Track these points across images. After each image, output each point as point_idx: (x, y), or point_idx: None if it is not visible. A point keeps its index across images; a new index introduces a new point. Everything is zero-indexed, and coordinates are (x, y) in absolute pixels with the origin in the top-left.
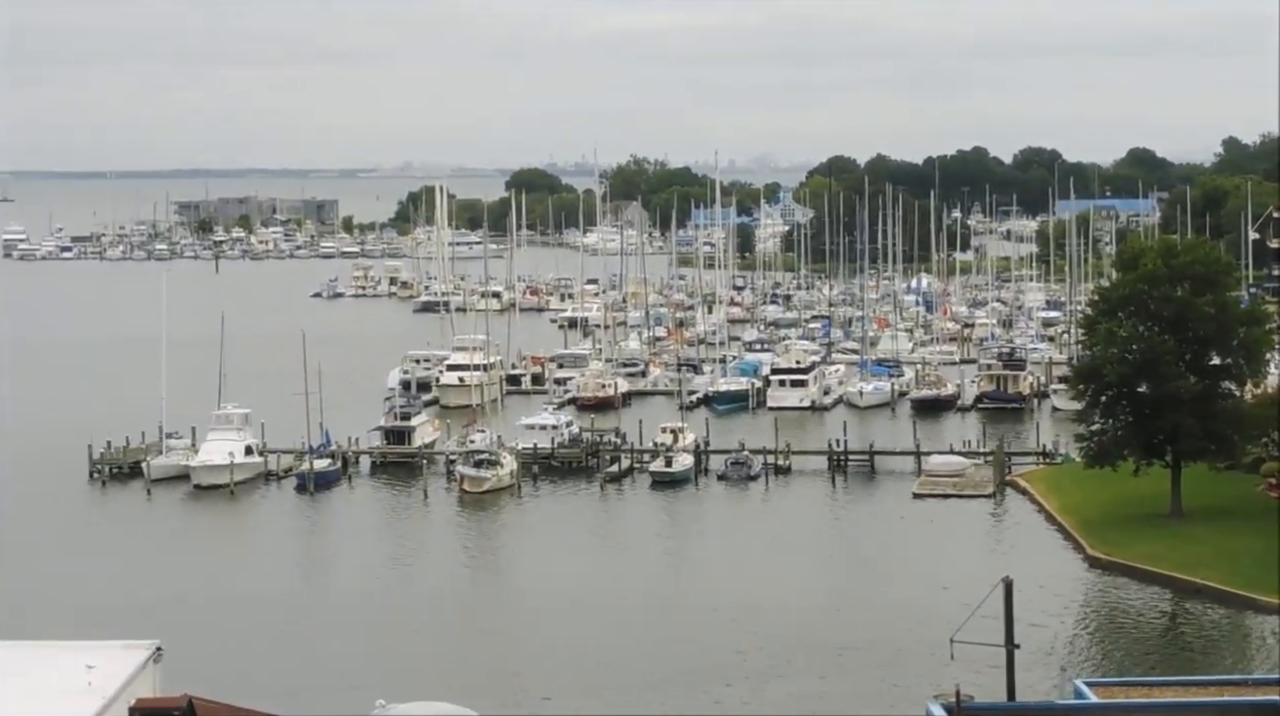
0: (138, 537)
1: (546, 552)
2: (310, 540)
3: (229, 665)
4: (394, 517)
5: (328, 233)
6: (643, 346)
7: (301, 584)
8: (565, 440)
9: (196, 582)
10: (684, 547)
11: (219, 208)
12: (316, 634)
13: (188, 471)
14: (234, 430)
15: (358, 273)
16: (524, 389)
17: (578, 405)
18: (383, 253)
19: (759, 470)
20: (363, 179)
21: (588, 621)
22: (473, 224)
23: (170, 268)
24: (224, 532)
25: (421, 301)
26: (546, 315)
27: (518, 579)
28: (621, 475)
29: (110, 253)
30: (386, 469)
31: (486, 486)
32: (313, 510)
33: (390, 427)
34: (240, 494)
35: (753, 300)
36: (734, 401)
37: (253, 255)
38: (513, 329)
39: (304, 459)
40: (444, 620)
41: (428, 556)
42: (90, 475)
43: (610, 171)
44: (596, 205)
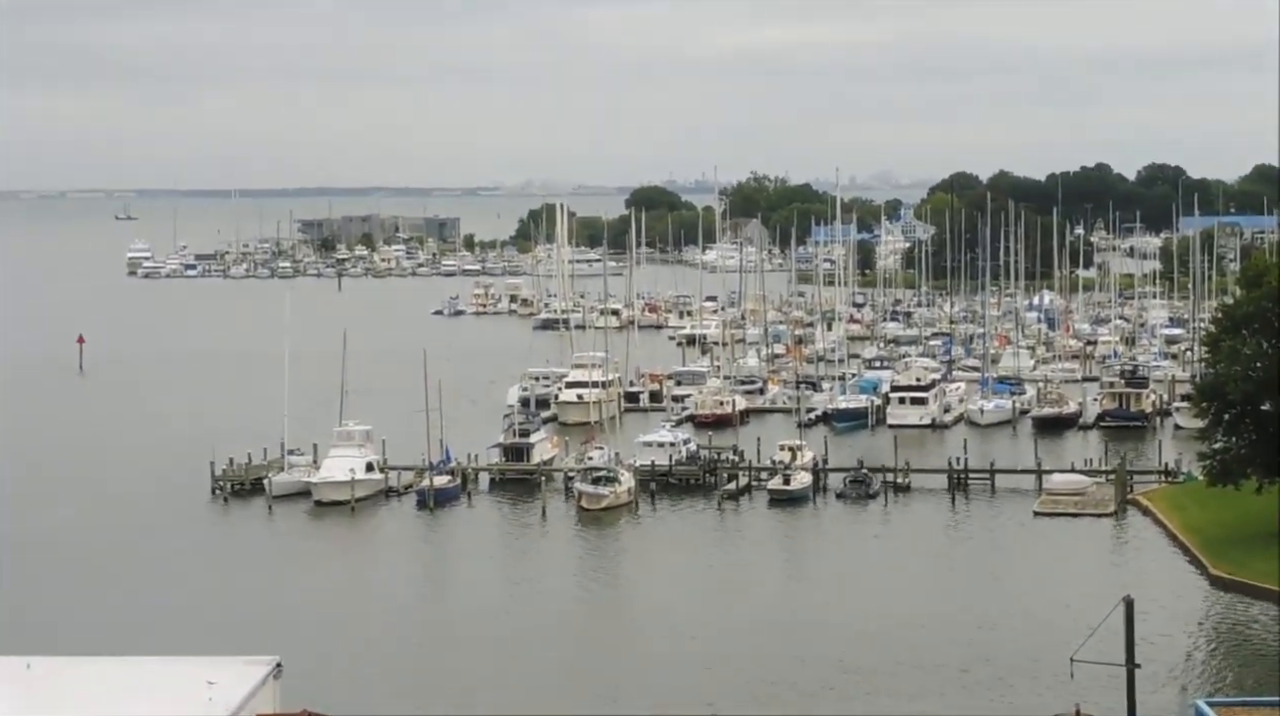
0: (259, 554)
1: (664, 570)
2: (429, 556)
3: (348, 681)
4: (512, 534)
5: (449, 250)
6: (761, 363)
7: (420, 600)
8: (683, 457)
9: (317, 599)
10: (801, 566)
11: (342, 226)
12: (435, 650)
13: (309, 488)
14: (355, 447)
15: (478, 290)
16: (642, 406)
17: (696, 422)
18: (503, 270)
19: (878, 488)
20: (484, 197)
21: (704, 638)
22: (593, 241)
23: (293, 285)
24: (344, 549)
25: (541, 318)
26: (665, 332)
27: (635, 595)
28: (739, 493)
29: (234, 270)
30: (505, 486)
31: (604, 503)
32: (432, 527)
33: (509, 445)
34: (361, 510)
35: (873, 317)
36: (853, 419)
37: (375, 273)
38: (631, 346)
39: (424, 475)
40: (561, 637)
41: (546, 573)
42: (212, 492)
43: (730, 188)
44: (716, 222)
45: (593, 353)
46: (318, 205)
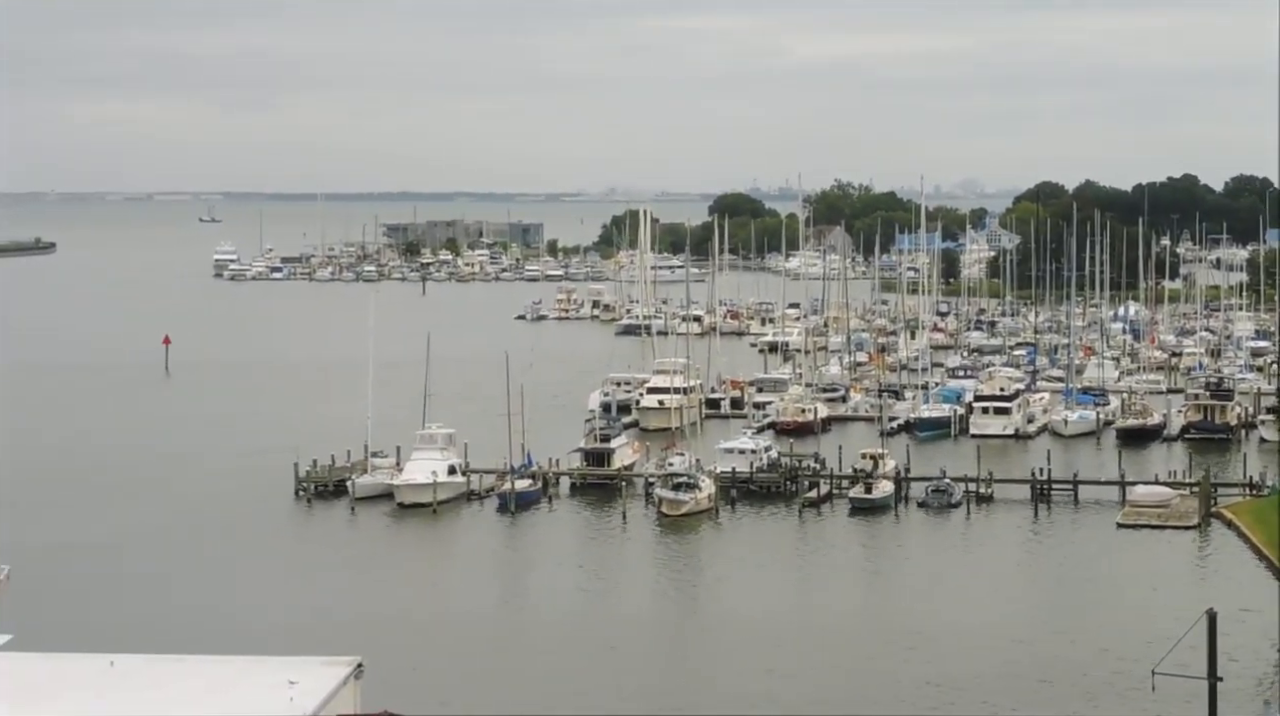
0: (341, 555)
1: (743, 577)
2: (510, 560)
3: (429, 683)
4: (592, 539)
5: (532, 255)
6: (844, 371)
7: (500, 603)
8: (764, 464)
9: (398, 600)
10: (882, 575)
11: (427, 230)
12: (515, 653)
13: (392, 490)
14: (438, 450)
15: (561, 295)
16: (723, 413)
17: (777, 429)
18: (586, 276)
19: (960, 498)
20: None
21: (783, 647)
22: (675, 248)
23: (378, 289)
24: (426, 551)
25: (623, 324)
26: (747, 339)
27: (714, 602)
28: (820, 500)
29: (319, 273)
30: (586, 490)
31: (684, 509)
32: (513, 530)
33: (590, 449)
34: (443, 513)
35: (956, 326)
36: (936, 428)
37: (459, 277)
38: (713, 352)
39: (505, 479)
40: (641, 642)
41: (625, 578)
42: (296, 493)
43: (814, 196)
44: (800, 229)
45: (674, 358)
46: (403, 209)
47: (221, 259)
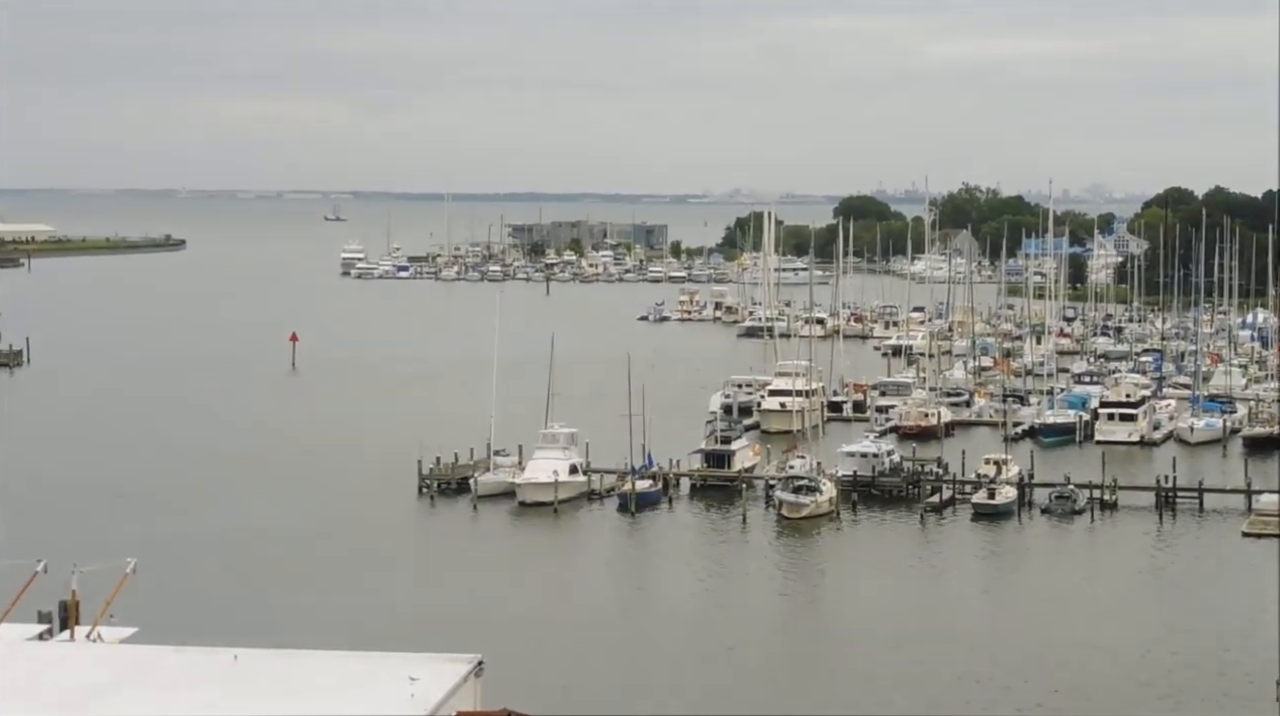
0: (463, 552)
1: (863, 581)
2: (630, 560)
3: (549, 681)
4: (712, 540)
5: (656, 257)
6: (968, 376)
7: (621, 603)
8: (886, 468)
9: (519, 598)
10: (1003, 582)
11: (551, 231)
12: (634, 652)
13: (514, 488)
14: (560, 449)
15: (684, 297)
16: (845, 416)
17: (900, 433)
18: (709, 277)
19: (1084, 505)
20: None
21: (901, 651)
22: (799, 250)
23: (503, 289)
24: (547, 549)
25: (746, 326)
26: (870, 342)
27: (833, 606)
28: (942, 505)
29: (445, 273)
30: (706, 492)
31: (805, 512)
32: (633, 530)
33: (711, 451)
34: (564, 512)
35: (1083, 332)
36: (1061, 434)
37: (582, 278)
38: (836, 355)
39: (626, 479)
40: (760, 644)
41: (744, 580)
42: (419, 490)
43: (941, 199)
44: (925, 232)
45: (796, 361)
46: (529, 210)
47: (349, 258)
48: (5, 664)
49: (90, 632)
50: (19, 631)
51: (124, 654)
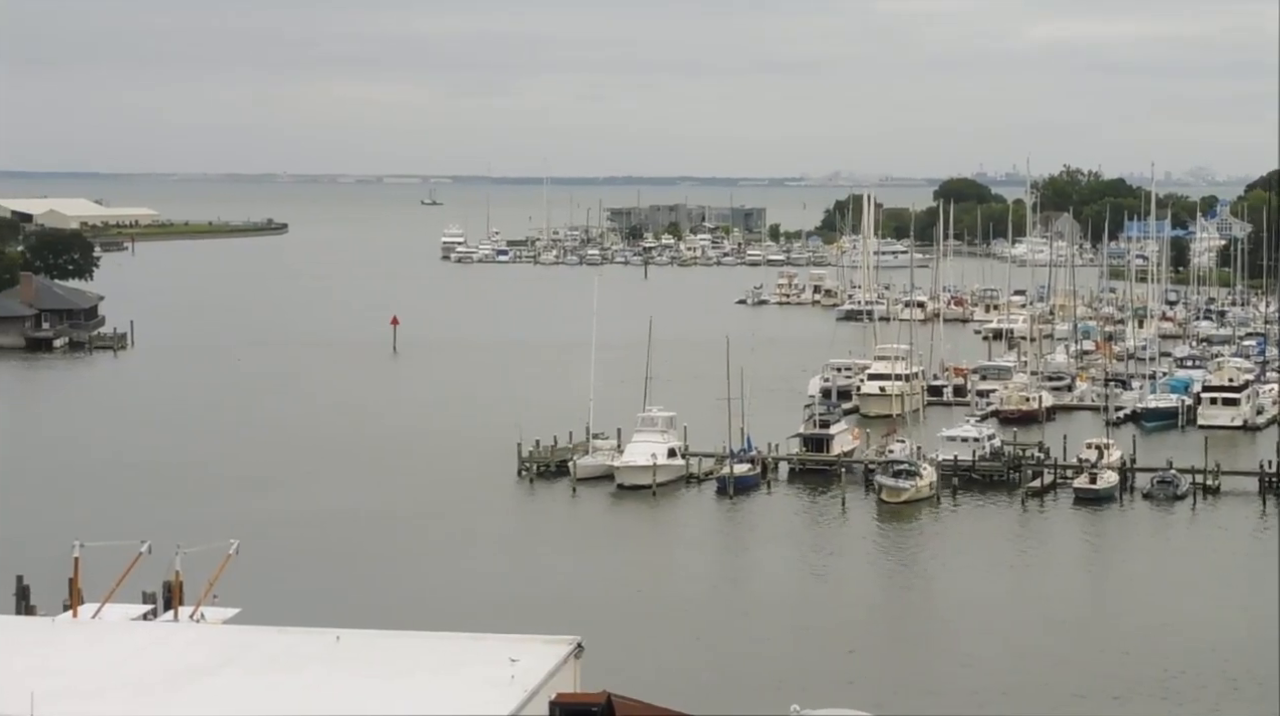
0: (562, 535)
1: (963, 565)
2: (729, 543)
3: (648, 663)
4: (811, 524)
5: (754, 240)
6: (1069, 360)
7: (719, 585)
8: (986, 453)
9: (618, 580)
10: (1104, 566)
11: (650, 214)
12: (733, 635)
13: (612, 471)
14: (658, 432)
15: (782, 280)
16: (945, 400)
17: (1000, 418)
18: (808, 260)
19: (1186, 490)
20: (791, 187)
21: (1001, 635)
22: (899, 233)
23: (601, 272)
24: (645, 532)
25: (845, 309)
26: (971, 326)
27: (933, 590)
28: (1043, 490)
29: (544, 256)
30: (805, 476)
31: (905, 497)
32: (731, 514)
33: (809, 435)
34: (662, 495)
35: (1185, 315)
36: (1163, 418)
37: (681, 262)
38: (936, 339)
39: (725, 463)
40: (859, 627)
41: (845, 564)
42: (519, 472)
43: (1042, 181)
44: (1026, 215)
45: (896, 345)
46: (627, 194)
47: (449, 241)
48: (110, 644)
49: (194, 613)
50: (124, 611)
51: (227, 634)
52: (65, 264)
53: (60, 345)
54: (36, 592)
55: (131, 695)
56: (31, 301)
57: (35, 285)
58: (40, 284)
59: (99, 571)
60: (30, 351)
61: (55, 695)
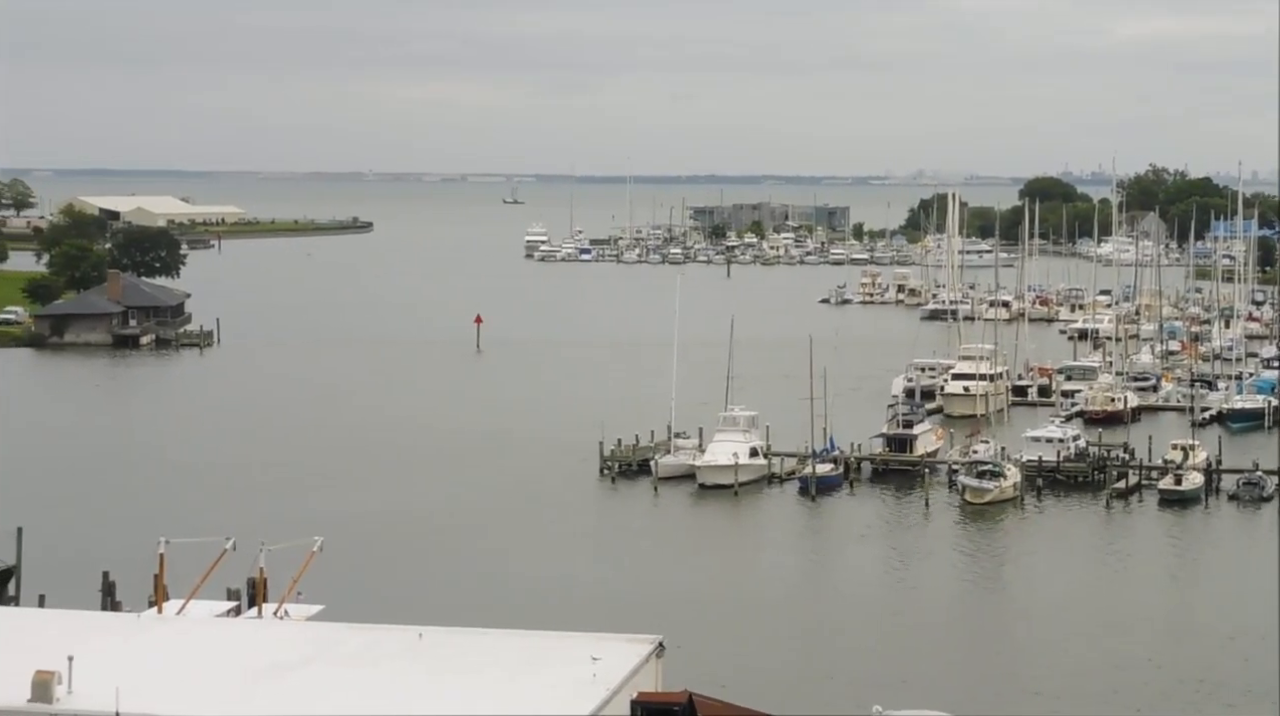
0: (643, 534)
1: (1047, 567)
2: (811, 543)
3: (729, 663)
4: (894, 525)
5: (838, 239)
6: (1155, 360)
7: (801, 585)
8: (1071, 453)
9: (699, 580)
10: (1188, 568)
11: (733, 213)
12: (815, 635)
13: (694, 471)
14: (740, 432)
15: (866, 279)
16: (1030, 400)
17: (1085, 418)
18: (891, 259)
19: (1273, 492)
20: (875, 186)
21: (1084, 637)
22: (984, 232)
23: (683, 271)
24: (727, 532)
25: (929, 309)
26: (1056, 326)
27: (1017, 591)
28: (1128, 491)
29: (626, 255)
30: (888, 476)
31: (989, 498)
32: (814, 514)
33: (893, 435)
34: (744, 495)
35: (1272, 316)
36: (1249, 419)
37: (763, 260)
38: (1021, 339)
39: (807, 463)
40: (941, 628)
41: (927, 564)
42: (601, 471)
43: (1127, 180)
44: (1112, 214)
45: (981, 344)
46: (709, 192)
47: (533, 240)
48: (195, 640)
49: (278, 610)
50: (209, 608)
51: (310, 631)
52: (152, 261)
53: (147, 342)
54: (122, 589)
55: (215, 691)
56: (119, 298)
57: (123, 282)
58: (128, 281)
59: (184, 568)
60: (117, 348)
61: (140, 691)
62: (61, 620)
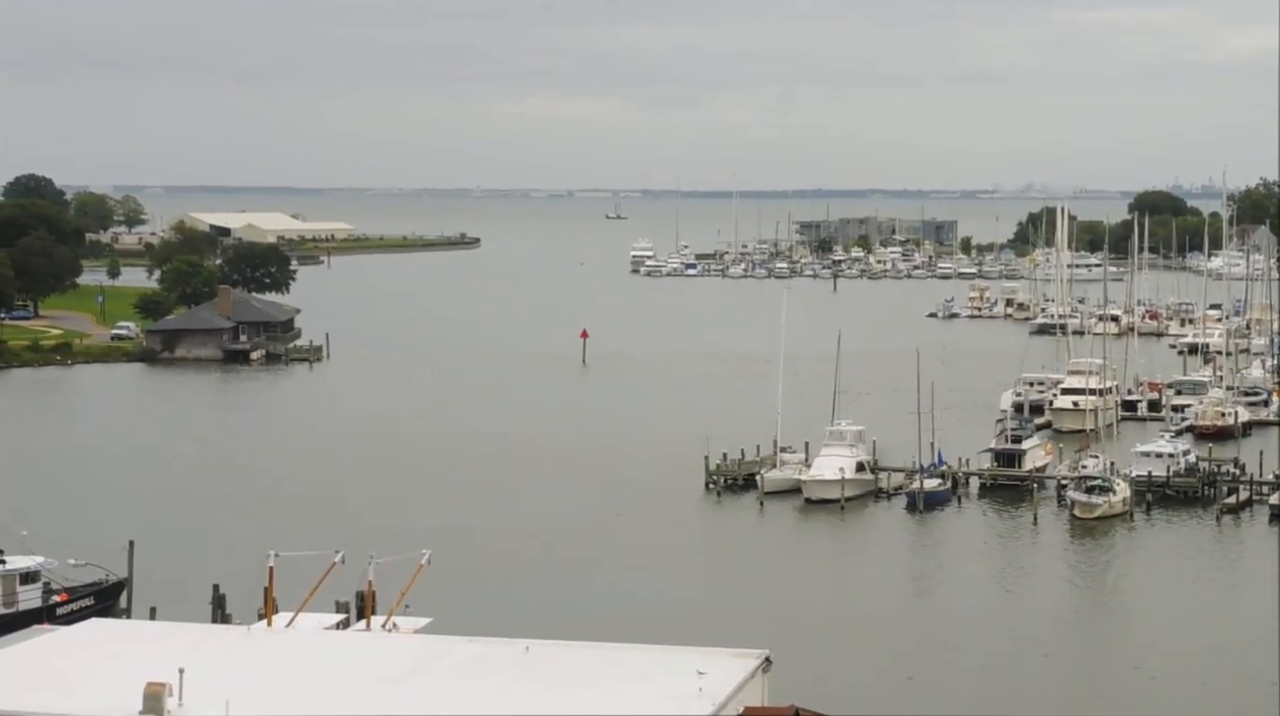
0: (749, 548)
1: (1157, 583)
2: (919, 558)
3: (835, 678)
4: (1002, 540)
5: (945, 253)
6: (1266, 375)
7: (908, 600)
8: (1181, 469)
9: (806, 595)
10: None
11: (839, 227)
12: (922, 651)
13: (800, 485)
14: (847, 446)
15: (973, 293)
16: (1139, 415)
17: (1195, 433)
18: (999, 273)
19: None
20: (982, 200)
21: (1193, 654)
22: (1093, 246)
23: (790, 286)
24: (834, 547)
25: (1038, 323)
26: (1166, 340)
27: (1127, 608)
28: (1239, 507)
29: (732, 270)
30: (996, 491)
31: (1098, 513)
32: (921, 529)
33: (1001, 450)
34: (850, 509)
35: None
36: None
37: (870, 274)
38: (1130, 353)
39: (914, 477)
40: (1050, 645)
41: (1036, 581)
42: (706, 485)
43: (1238, 194)
44: (1223, 228)
45: (1090, 359)
46: (815, 207)
47: (639, 255)
48: (304, 653)
49: (386, 622)
50: (317, 621)
51: (418, 643)
52: (262, 277)
53: (257, 357)
54: (232, 602)
55: (324, 703)
56: (229, 314)
57: (233, 298)
58: (238, 297)
59: (293, 581)
60: (228, 363)
61: (249, 702)
62: (172, 632)
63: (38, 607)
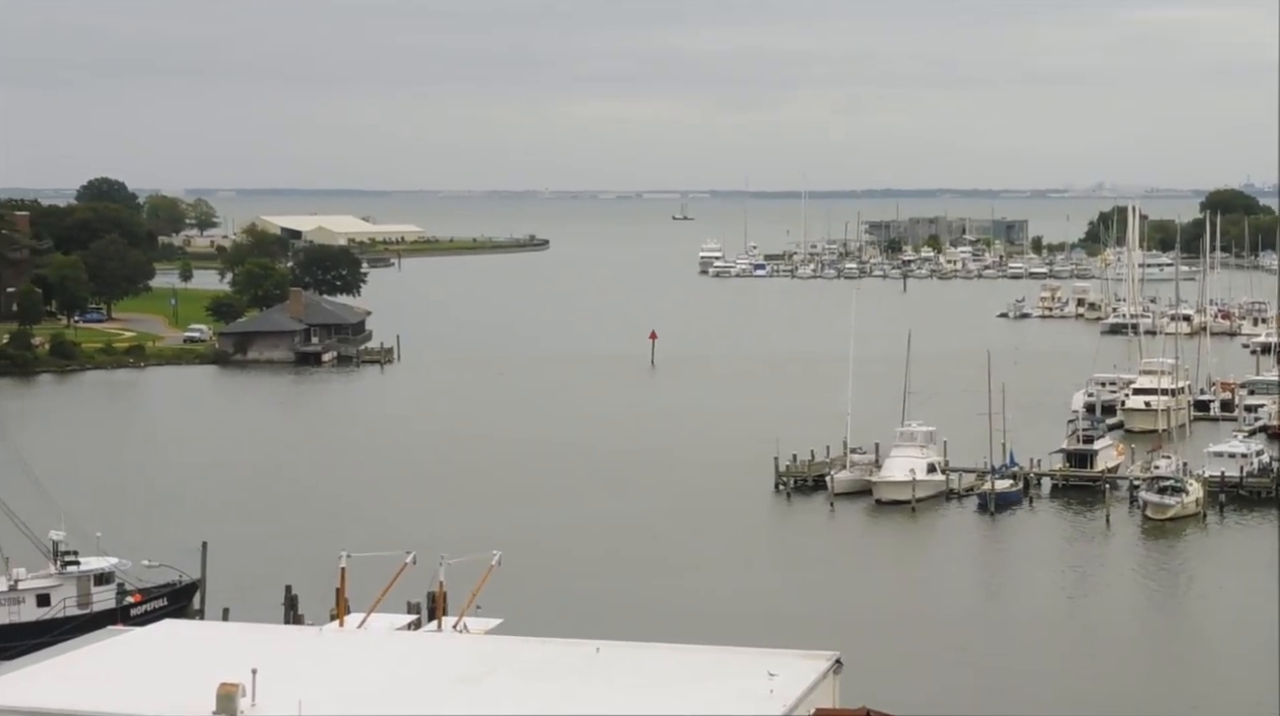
0: (819, 549)
1: (1231, 584)
2: (990, 560)
3: (907, 681)
4: (1074, 541)
5: (1016, 253)
6: None
7: (980, 602)
8: (1254, 469)
9: (876, 596)
10: None
11: (909, 228)
12: (994, 653)
13: (870, 486)
14: (917, 447)
15: (1044, 293)
16: (1212, 415)
17: (1268, 433)
18: (1071, 273)
19: None
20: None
21: (1267, 657)
22: (1165, 245)
23: (859, 286)
24: (904, 548)
25: (1109, 323)
26: (1239, 340)
27: (1201, 609)
28: None
29: (801, 270)
30: (1068, 492)
31: (1171, 513)
32: (993, 530)
33: (1073, 450)
34: (921, 511)
35: None
36: None
37: (940, 274)
38: (1203, 353)
39: (986, 478)
40: (1124, 645)
41: (1108, 581)
42: (776, 486)
43: None
44: None
45: (1162, 359)
46: (885, 207)
47: (708, 256)
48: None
49: (457, 623)
50: (389, 621)
51: (488, 644)
52: (334, 279)
53: (329, 359)
54: (304, 602)
55: (396, 704)
56: (301, 316)
57: (305, 300)
58: (309, 299)
59: (365, 581)
60: (299, 365)
61: (322, 702)
62: (245, 633)
63: (112, 608)
